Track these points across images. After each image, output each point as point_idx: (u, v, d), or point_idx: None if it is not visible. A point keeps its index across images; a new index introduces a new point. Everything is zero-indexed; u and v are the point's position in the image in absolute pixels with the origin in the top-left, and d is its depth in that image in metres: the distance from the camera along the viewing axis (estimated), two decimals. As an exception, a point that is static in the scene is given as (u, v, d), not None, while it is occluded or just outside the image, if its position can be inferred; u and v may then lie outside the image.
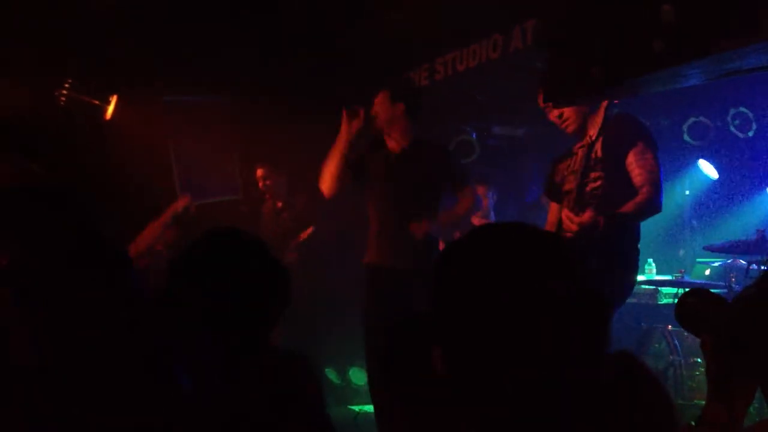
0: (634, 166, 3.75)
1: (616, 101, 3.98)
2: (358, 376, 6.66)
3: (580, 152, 3.96)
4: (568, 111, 3.93)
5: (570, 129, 4.03)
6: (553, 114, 4.01)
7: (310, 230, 6.43)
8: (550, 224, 4.09)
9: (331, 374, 6.77)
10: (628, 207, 3.68)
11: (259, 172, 6.62)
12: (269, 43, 6.51)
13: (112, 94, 6.06)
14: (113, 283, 1.63)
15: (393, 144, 4.63)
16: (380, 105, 4.60)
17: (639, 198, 3.69)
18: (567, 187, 3.96)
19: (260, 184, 6.65)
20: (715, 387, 1.69)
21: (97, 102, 6.02)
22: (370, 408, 6.34)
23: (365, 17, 5.80)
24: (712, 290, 1.87)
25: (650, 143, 3.82)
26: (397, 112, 4.56)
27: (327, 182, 4.66)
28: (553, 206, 4.17)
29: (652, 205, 3.75)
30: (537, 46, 5.06)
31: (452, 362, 1.18)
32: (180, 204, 5.76)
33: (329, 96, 6.70)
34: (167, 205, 6.63)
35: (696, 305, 1.76)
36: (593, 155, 3.87)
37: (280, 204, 6.67)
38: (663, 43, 2.54)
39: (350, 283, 6.21)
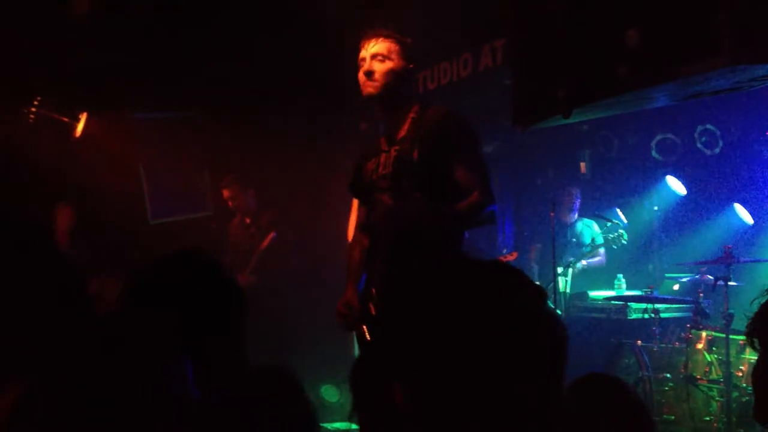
0: (461, 171, 3.33)
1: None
2: (330, 393, 6.64)
3: (392, 152, 3.45)
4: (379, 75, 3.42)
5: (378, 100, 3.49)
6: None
7: (270, 237, 6.44)
8: (353, 225, 3.75)
9: (302, 391, 6.73)
10: (462, 205, 3.31)
11: (225, 193, 6.63)
12: (239, 59, 6.51)
13: (81, 112, 6.02)
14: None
15: None
16: None
17: (471, 198, 3.31)
18: (379, 195, 3.49)
19: (228, 204, 6.66)
20: None
21: (66, 119, 5.98)
22: (341, 425, 6.32)
23: (335, 34, 5.82)
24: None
25: (476, 143, 3.42)
26: None
27: None
28: (360, 209, 3.73)
29: (483, 209, 3.36)
30: (507, 65, 5.11)
31: (416, 399, 1.18)
32: None
33: (298, 112, 6.73)
34: (138, 222, 6.61)
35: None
36: (407, 158, 3.39)
37: (248, 220, 6.68)
38: (628, 67, 2.57)
39: (320, 301, 6.22)
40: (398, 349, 1.22)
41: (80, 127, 6.09)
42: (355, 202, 3.81)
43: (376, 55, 3.43)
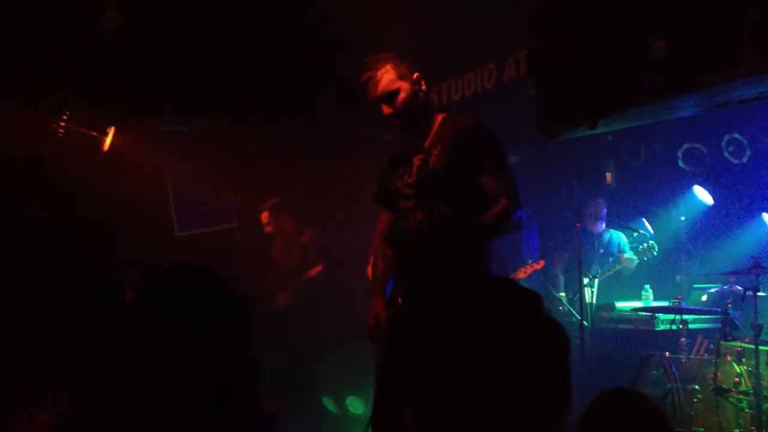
0: (488, 179, 3.31)
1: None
2: (356, 405, 6.64)
3: (416, 162, 3.46)
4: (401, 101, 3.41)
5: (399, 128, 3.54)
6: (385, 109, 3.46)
7: (319, 268, 6.54)
8: (378, 232, 3.73)
9: (328, 403, 6.74)
10: (488, 216, 3.28)
11: (263, 217, 6.74)
12: (264, 72, 6.56)
13: (109, 126, 6.10)
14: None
15: None
16: None
17: (498, 207, 3.28)
18: (403, 204, 3.47)
19: (266, 230, 6.76)
20: None
21: (95, 134, 6.06)
22: (368, 437, 6.31)
23: (359, 47, 5.85)
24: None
25: (502, 152, 3.39)
26: None
27: None
28: (384, 215, 3.70)
29: (511, 215, 3.32)
30: (530, 76, 5.11)
31: (422, 418, 1.19)
32: None
33: (323, 123, 6.77)
34: (165, 234, 6.65)
35: None
36: (431, 168, 3.38)
37: (290, 242, 6.76)
38: (652, 77, 2.57)
39: (348, 313, 6.27)
40: (402, 369, 1.23)
41: (108, 140, 6.17)
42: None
43: (383, 97, 3.41)
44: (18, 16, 5.32)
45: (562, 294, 6.85)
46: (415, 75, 3.45)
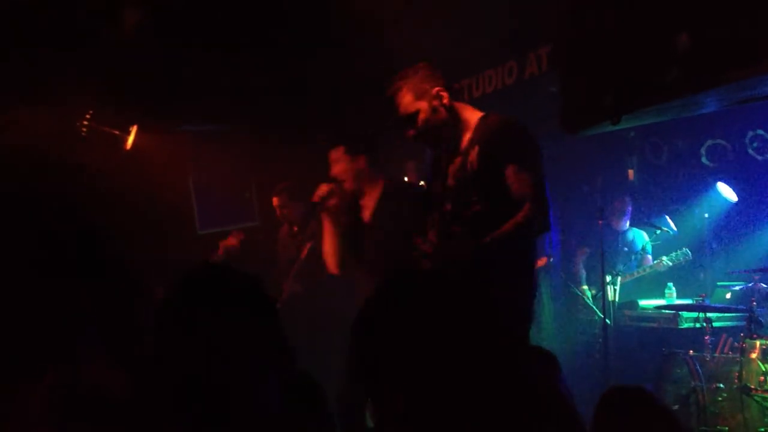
0: (514, 179, 3.28)
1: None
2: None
3: (457, 162, 3.45)
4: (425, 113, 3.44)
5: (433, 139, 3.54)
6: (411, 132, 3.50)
7: (308, 246, 6.48)
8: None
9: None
10: (506, 227, 3.26)
11: (275, 200, 6.68)
12: (287, 73, 6.57)
13: (132, 125, 6.15)
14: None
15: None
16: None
17: (519, 216, 3.26)
18: (445, 206, 3.47)
19: (277, 213, 6.71)
20: None
21: (117, 132, 6.11)
22: None
23: (379, 44, 5.85)
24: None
25: (532, 152, 3.39)
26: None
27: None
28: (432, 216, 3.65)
29: (534, 223, 3.30)
30: (552, 72, 5.09)
31: (408, 406, 1.21)
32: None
33: (345, 122, 6.77)
34: (187, 234, 6.68)
35: None
36: (469, 167, 3.38)
37: (296, 229, 6.72)
38: (677, 72, 2.55)
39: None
40: (367, 371, 1.25)
41: (131, 139, 6.21)
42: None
43: (403, 120, 3.44)
44: (38, 16, 5.36)
45: (585, 287, 6.83)
46: (435, 90, 3.41)
